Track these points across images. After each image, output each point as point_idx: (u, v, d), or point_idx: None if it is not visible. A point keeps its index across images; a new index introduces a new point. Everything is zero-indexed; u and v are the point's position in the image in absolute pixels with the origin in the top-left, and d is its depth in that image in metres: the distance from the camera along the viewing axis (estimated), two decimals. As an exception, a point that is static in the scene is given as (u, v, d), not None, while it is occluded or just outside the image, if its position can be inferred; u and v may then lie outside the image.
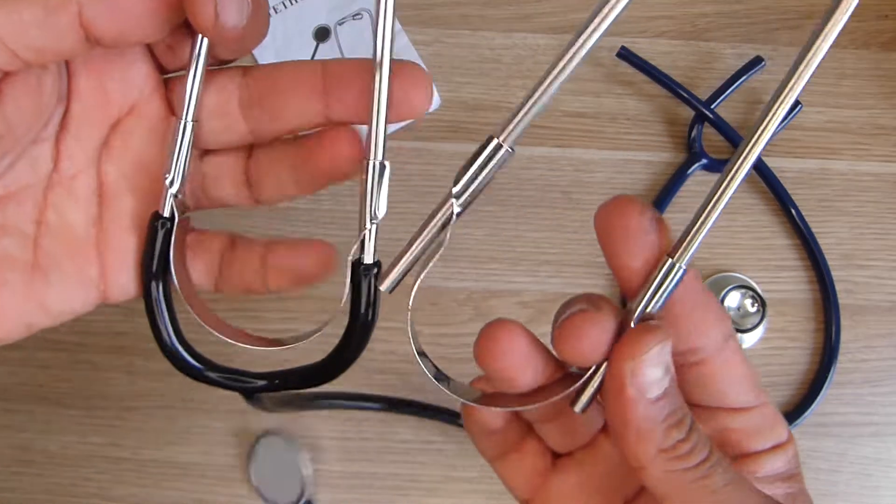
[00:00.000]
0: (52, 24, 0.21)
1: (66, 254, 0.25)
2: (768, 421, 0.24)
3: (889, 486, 0.46)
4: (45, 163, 0.25)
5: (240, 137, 0.26)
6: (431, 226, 0.24)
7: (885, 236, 0.49)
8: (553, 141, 0.49)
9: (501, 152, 0.24)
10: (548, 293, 0.47)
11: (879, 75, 0.51)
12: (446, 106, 0.49)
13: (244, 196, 0.27)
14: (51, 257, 0.24)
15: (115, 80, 0.25)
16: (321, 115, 0.25)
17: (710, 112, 0.48)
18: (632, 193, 0.49)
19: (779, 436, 0.24)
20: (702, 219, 0.23)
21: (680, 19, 0.51)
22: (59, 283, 0.25)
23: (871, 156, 0.49)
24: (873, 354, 0.47)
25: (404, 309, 0.28)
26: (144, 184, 0.26)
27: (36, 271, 0.24)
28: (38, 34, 0.21)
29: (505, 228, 0.48)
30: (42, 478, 0.44)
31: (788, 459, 0.24)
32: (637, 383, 0.21)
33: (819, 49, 0.22)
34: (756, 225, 0.48)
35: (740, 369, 0.24)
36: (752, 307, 0.45)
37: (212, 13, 0.22)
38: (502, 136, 0.24)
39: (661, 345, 0.21)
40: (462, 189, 0.24)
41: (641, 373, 0.21)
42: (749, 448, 0.24)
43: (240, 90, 0.25)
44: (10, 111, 0.22)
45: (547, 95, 0.24)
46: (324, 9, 0.50)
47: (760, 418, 0.24)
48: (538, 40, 0.50)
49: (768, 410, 0.24)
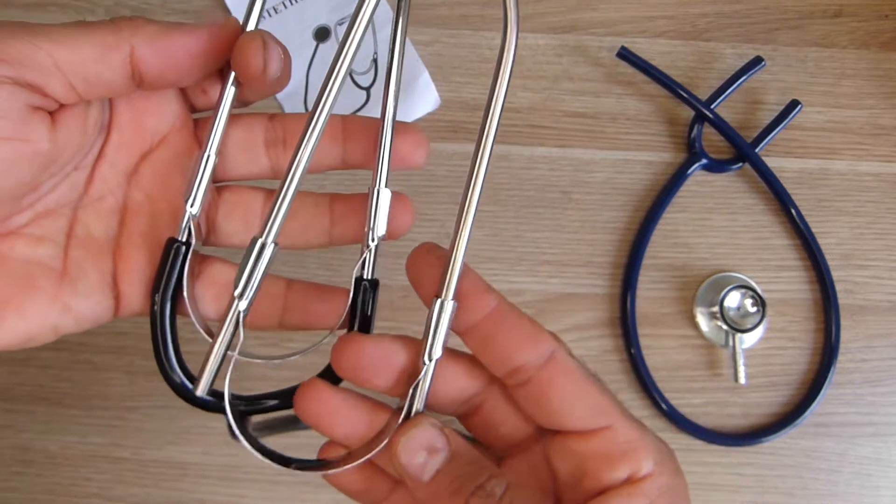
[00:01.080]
0: (107, 60, 0.24)
1: (91, 264, 0.27)
2: (618, 447, 0.23)
3: (889, 486, 0.46)
4: (80, 184, 0.27)
5: (260, 171, 0.29)
6: (226, 327, 0.26)
7: (885, 236, 0.49)
8: (553, 141, 0.49)
9: (267, 250, 0.25)
10: (548, 293, 0.47)
11: (879, 75, 0.51)
12: (446, 106, 0.49)
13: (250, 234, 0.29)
14: (78, 267, 0.26)
15: (152, 115, 0.28)
16: (339, 160, 0.29)
17: (710, 112, 0.48)
18: (632, 193, 0.49)
19: (635, 466, 0.23)
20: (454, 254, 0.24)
21: (680, 19, 0.51)
22: (85, 290, 0.26)
23: (871, 156, 0.49)
24: (873, 354, 0.47)
25: (405, 309, 0.28)
26: (164, 209, 0.28)
27: (65, 278, 0.26)
28: (93, 69, 0.24)
29: (505, 228, 0.48)
30: (42, 478, 0.45)
31: (651, 498, 0.22)
32: (408, 475, 0.23)
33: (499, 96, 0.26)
34: (756, 225, 0.48)
35: (571, 388, 0.23)
36: (752, 307, 0.45)
37: (261, 64, 0.25)
38: (263, 237, 0.25)
39: (408, 437, 0.23)
40: (242, 289, 0.25)
41: (404, 465, 0.23)
42: (604, 479, 0.23)
43: (266, 131, 0.29)
44: (62, 140, 0.25)
45: (292, 188, 0.25)
46: (324, 9, 0.50)
47: (606, 443, 0.23)
48: (538, 40, 0.50)
49: (620, 436, 0.23)
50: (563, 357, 0.24)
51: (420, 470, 0.23)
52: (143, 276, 0.27)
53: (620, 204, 0.48)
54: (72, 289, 0.26)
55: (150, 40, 0.24)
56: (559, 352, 0.24)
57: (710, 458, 0.46)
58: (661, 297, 0.47)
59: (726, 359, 0.47)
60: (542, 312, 0.47)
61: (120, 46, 0.24)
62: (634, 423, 0.24)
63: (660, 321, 0.47)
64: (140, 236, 0.27)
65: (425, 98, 0.49)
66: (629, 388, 0.46)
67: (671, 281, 0.48)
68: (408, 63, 0.49)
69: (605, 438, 0.23)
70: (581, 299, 0.47)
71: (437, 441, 0.23)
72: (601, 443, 0.23)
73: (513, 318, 0.24)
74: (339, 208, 0.30)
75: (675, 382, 0.47)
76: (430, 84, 0.49)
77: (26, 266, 0.25)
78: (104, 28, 0.24)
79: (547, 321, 0.47)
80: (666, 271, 0.48)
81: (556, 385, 0.23)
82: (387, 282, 0.47)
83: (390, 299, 0.46)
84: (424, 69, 0.49)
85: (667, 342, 0.47)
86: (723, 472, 0.46)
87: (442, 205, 0.47)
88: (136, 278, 0.27)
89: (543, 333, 0.24)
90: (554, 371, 0.23)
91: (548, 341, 0.24)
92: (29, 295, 0.25)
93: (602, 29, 0.50)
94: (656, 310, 0.47)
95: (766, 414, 0.47)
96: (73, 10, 0.49)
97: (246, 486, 0.44)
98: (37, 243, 0.26)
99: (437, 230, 0.47)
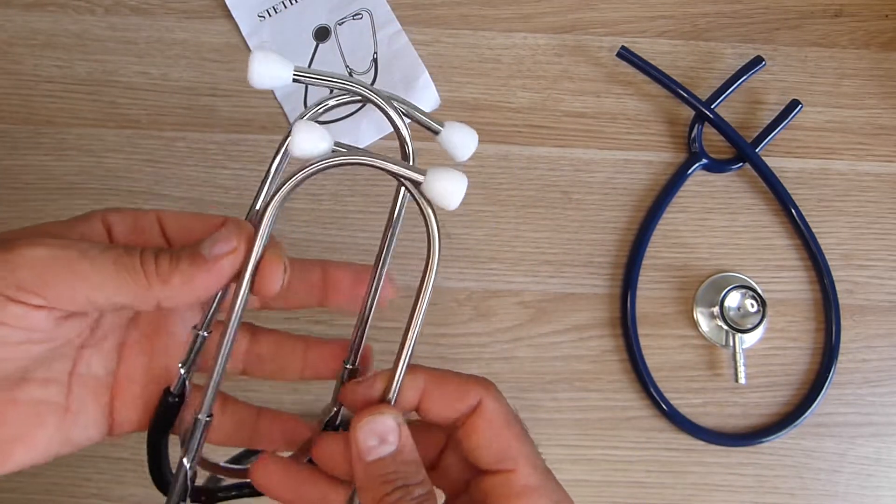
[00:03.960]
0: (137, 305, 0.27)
1: (91, 399, 0.30)
2: (516, 488, 0.27)
3: (889, 486, 0.46)
4: (86, 330, 0.29)
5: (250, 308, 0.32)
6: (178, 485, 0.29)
7: (885, 236, 0.49)
8: (553, 141, 0.49)
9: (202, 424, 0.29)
10: (548, 293, 0.47)
11: (879, 75, 0.51)
12: (446, 106, 0.49)
13: (237, 370, 0.33)
14: (80, 402, 0.29)
15: None
16: (318, 302, 0.33)
17: (710, 112, 0.48)
18: (632, 193, 0.49)
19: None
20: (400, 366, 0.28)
21: (680, 19, 0.51)
22: (85, 423, 0.29)
23: (871, 156, 0.49)
24: (873, 354, 0.47)
25: (404, 309, 0.28)
26: (159, 347, 0.31)
27: (67, 414, 0.29)
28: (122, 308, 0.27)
29: (505, 228, 0.48)
30: (42, 478, 0.44)
31: None
32: (356, 449, 0.26)
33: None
34: (756, 225, 0.48)
35: (488, 433, 0.27)
36: (752, 307, 0.45)
37: (279, 286, 0.28)
38: (200, 413, 0.28)
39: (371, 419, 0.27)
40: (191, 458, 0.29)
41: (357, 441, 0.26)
42: None
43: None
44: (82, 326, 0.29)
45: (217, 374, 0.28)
46: (324, 9, 0.50)
47: (507, 483, 0.27)
48: (538, 40, 0.50)
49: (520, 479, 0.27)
50: (489, 404, 0.28)
51: (367, 451, 0.26)
52: (137, 404, 0.30)
53: (620, 204, 0.48)
54: (73, 422, 0.29)
55: (175, 293, 0.26)
56: (486, 399, 0.28)
57: (710, 458, 0.46)
58: (661, 297, 0.47)
59: (726, 359, 0.47)
60: (542, 312, 0.47)
61: (149, 298, 0.26)
62: (538, 469, 0.27)
63: (660, 321, 0.47)
64: (137, 370, 0.30)
65: (425, 98, 0.49)
66: (629, 388, 0.46)
67: (671, 281, 0.48)
68: (408, 63, 0.49)
69: (507, 479, 0.27)
70: (581, 299, 0.47)
71: (391, 434, 0.27)
72: (503, 482, 0.27)
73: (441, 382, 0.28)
74: (311, 355, 0.33)
75: (675, 382, 0.46)
76: (430, 84, 0.49)
77: (36, 406, 0.28)
78: (137, 280, 0.26)
79: (547, 321, 0.47)
80: (666, 271, 0.48)
81: (477, 430, 0.28)
82: (387, 282, 0.47)
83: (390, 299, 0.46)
84: (424, 69, 0.49)
85: (667, 342, 0.47)
86: (723, 472, 0.46)
87: (442, 205, 0.47)
88: (130, 406, 0.30)
89: (471, 385, 0.28)
90: (477, 418, 0.28)
91: (475, 392, 0.28)
92: (37, 431, 0.28)
93: (602, 29, 0.50)
94: (656, 310, 0.47)
95: (766, 414, 0.47)
96: (72, 10, 0.49)
97: (246, 487, 0.44)
98: (45, 385, 0.28)
99: (437, 230, 0.47)
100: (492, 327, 0.47)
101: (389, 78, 0.49)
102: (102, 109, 0.48)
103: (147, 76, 0.49)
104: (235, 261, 0.27)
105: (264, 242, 0.28)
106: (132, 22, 0.49)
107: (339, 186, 0.47)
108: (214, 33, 0.49)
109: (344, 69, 0.49)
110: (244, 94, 0.49)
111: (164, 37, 0.49)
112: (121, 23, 0.49)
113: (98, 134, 0.48)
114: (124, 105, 0.48)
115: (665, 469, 0.46)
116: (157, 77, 0.49)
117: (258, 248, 0.27)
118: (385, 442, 0.27)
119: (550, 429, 0.46)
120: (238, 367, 0.33)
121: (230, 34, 0.50)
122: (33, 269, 0.25)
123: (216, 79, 0.49)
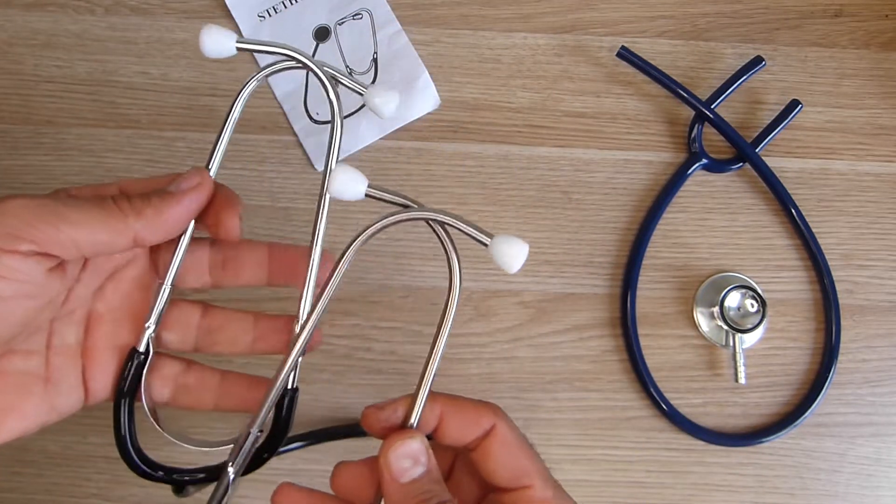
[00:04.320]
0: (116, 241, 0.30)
1: (68, 367, 0.32)
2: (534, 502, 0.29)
3: (889, 486, 0.46)
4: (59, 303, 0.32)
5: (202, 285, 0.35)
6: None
7: (885, 236, 0.49)
8: (553, 141, 0.49)
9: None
10: (548, 293, 0.47)
11: (879, 75, 0.51)
12: (446, 106, 0.49)
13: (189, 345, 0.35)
14: (60, 372, 0.32)
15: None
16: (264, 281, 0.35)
17: (710, 112, 0.48)
18: (632, 193, 0.49)
19: None
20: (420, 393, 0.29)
21: (680, 19, 0.51)
22: (66, 391, 0.32)
23: (871, 156, 0.49)
24: (873, 354, 0.47)
25: (404, 309, 0.28)
26: (123, 316, 0.33)
27: (49, 383, 0.31)
28: (104, 247, 0.30)
29: (505, 228, 0.48)
30: (42, 478, 0.45)
31: None
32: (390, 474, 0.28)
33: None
34: (756, 225, 0.48)
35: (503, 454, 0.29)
36: (752, 307, 0.45)
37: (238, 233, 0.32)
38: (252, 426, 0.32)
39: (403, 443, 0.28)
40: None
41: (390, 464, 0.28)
42: None
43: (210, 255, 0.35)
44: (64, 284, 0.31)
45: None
46: (324, 9, 0.50)
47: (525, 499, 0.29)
48: (538, 40, 0.50)
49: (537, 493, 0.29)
50: (502, 428, 0.29)
51: (401, 473, 0.28)
52: (107, 372, 0.33)
53: (620, 204, 0.48)
54: (56, 391, 0.31)
55: (149, 224, 0.30)
56: (499, 424, 0.29)
57: (710, 458, 0.46)
58: (661, 297, 0.47)
59: (726, 359, 0.47)
60: (542, 312, 0.47)
61: (126, 231, 0.29)
62: (550, 483, 0.30)
63: (660, 321, 0.47)
64: (103, 339, 0.33)
65: (425, 98, 0.49)
66: (629, 388, 0.46)
67: (671, 281, 0.48)
68: (408, 63, 0.49)
69: (525, 495, 0.29)
70: (581, 299, 0.47)
71: (422, 455, 0.28)
72: (522, 498, 0.29)
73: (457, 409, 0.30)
74: (261, 326, 0.35)
75: (675, 382, 0.47)
76: (430, 84, 0.49)
77: (23, 377, 0.30)
78: (114, 215, 0.29)
79: (547, 321, 0.47)
80: (666, 271, 0.48)
81: (492, 452, 0.29)
82: (387, 282, 0.47)
83: (390, 299, 0.46)
84: (424, 69, 0.49)
85: (667, 342, 0.47)
86: (723, 472, 0.46)
87: (442, 205, 0.47)
88: (101, 374, 0.33)
89: (484, 411, 0.30)
90: (492, 441, 0.29)
91: (488, 417, 0.30)
92: (27, 401, 0.30)
93: (602, 29, 0.50)
94: (656, 310, 0.47)
95: (766, 414, 0.47)
96: (72, 10, 0.49)
97: (246, 487, 0.44)
98: (27, 357, 0.31)
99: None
100: (492, 327, 0.47)
101: (389, 78, 0.49)
102: (102, 109, 0.48)
103: (147, 76, 0.49)
104: (199, 195, 0.31)
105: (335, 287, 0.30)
106: (132, 22, 0.49)
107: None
108: (214, 33, 0.49)
109: (344, 69, 0.49)
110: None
111: (164, 37, 0.49)
112: (121, 23, 0.49)
113: (98, 134, 0.48)
114: (124, 105, 0.48)
115: (665, 469, 0.46)
116: (157, 77, 0.49)
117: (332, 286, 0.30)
118: (417, 463, 0.28)
119: (550, 429, 0.46)
120: (190, 342, 0.35)
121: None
122: (19, 216, 0.27)
123: (216, 79, 0.49)
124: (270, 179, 0.48)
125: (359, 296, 0.46)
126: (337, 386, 0.46)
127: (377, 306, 0.46)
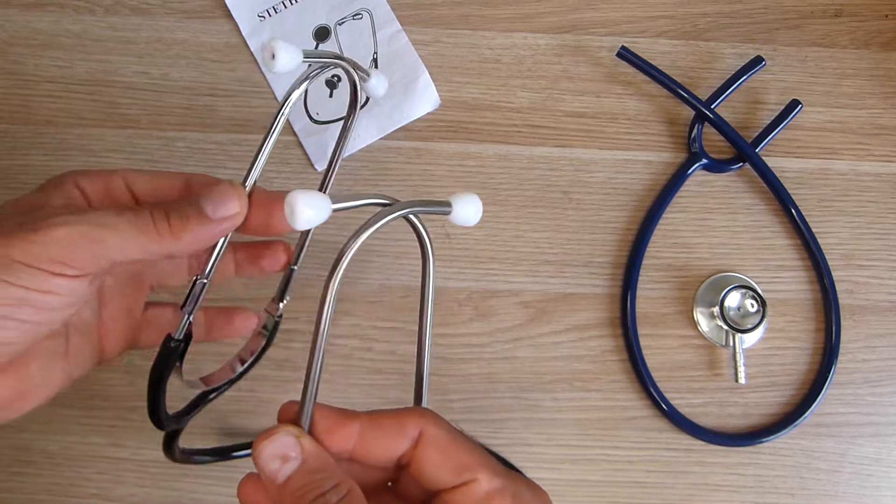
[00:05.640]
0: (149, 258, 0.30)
1: (84, 341, 0.33)
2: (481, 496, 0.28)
3: (889, 486, 0.46)
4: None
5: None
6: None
7: (885, 236, 0.49)
8: (553, 141, 0.49)
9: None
10: (548, 293, 0.47)
11: (879, 75, 0.51)
12: (446, 106, 0.49)
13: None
14: (76, 347, 0.33)
15: None
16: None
17: (710, 112, 0.48)
18: (632, 193, 0.49)
19: None
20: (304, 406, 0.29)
21: (680, 19, 0.51)
22: (83, 363, 0.33)
23: (871, 156, 0.49)
24: (873, 354, 0.47)
25: (405, 309, 0.28)
26: (126, 281, 0.35)
27: (67, 357, 0.33)
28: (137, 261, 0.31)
29: (505, 228, 0.48)
30: (42, 478, 0.45)
31: None
32: (264, 478, 0.27)
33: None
34: (756, 225, 0.48)
35: (438, 455, 0.28)
36: (752, 307, 0.45)
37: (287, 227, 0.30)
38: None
39: (267, 443, 0.27)
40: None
41: (261, 469, 0.27)
42: None
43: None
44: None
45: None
46: (324, 9, 0.50)
47: (471, 494, 0.28)
48: (538, 40, 0.50)
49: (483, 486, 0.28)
50: (430, 431, 0.29)
51: (273, 475, 0.27)
52: (120, 337, 0.35)
53: (620, 204, 0.48)
54: (73, 363, 0.33)
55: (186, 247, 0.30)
56: (426, 427, 0.29)
57: (710, 458, 0.46)
58: (661, 297, 0.47)
59: (726, 359, 0.47)
60: (542, 312, 0.47)
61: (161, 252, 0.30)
62: (498, 472, 0.28)
63: (660, 321, 0.47)
64: (115, 310, 0.35)
65: (425, 98, 0.49)
66: (629, 388, 0.46)
67: (671, 281, 0.48)
68: (408, 63, 0.49)
69: (471, 489, 0.28)
70: (581, 299, 0.47)
71: (290, 450, 0.27)
72: (467, 493, 0.28)
73: (375, 423, 0.29)
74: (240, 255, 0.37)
75: (675, 382, 0.47)
76: (430, 84, 0.49)
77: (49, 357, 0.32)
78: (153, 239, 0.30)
79: (547, 321, 0.47)
80: (666, 271, 0.48)
81: (426, 458, 0.28)
82: (386, 282, 0.47)
83: (390, 299, 0.46)
84: (424, 69, 0.49)
85: (667, 342, 0.47)
86: (723, 472, 0.46)
87: (442, 205, 0.47)
88: (114, 340, 0.35)
89: (407, 420, 0.29)
90: (423, 447, 0.28)
91: (413, 425, 0.29)
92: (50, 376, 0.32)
93: (602, 29, 0.50)
94: (656, 310, 0.47)
95: (766, 414, 0.47)
96: (72, 10, 0.49)
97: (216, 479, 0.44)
98: (53, 338, 0.32)
99: (437, 230, 0.47)
100: (492, 327, 0.47)
101: (389, 78, 0.49)
102: (102, 109, 0.48)
103: (147, 76, 0.49)
104: (236, 223, 0.31)
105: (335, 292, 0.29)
106: (132, 22, 0.49)
107: (339, 187, 0.47)
108: (214, 33, 0.49)
109: (344, 69, 0.49)
110: (244, 94, 0.49)
111: (164, 37, 0.49)
112: (121, 23, 0.49)
113: (98, 134, 0.48)
114: (124, 105, 0.48)
115: (665, 469, 0.46)
116: (157, 77, 0.49)
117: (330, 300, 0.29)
118: (287, 460, 0.27)
119: (550, 429, 0.46)
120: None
121: (230, 34, 0.50)
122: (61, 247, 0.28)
123: (216, 79, 0.49)
124: (270, 179, 0.48)
125: (359, 296, 0.46)
126: (337, 386, 0.46)
127: (377, 306, 0.46)
